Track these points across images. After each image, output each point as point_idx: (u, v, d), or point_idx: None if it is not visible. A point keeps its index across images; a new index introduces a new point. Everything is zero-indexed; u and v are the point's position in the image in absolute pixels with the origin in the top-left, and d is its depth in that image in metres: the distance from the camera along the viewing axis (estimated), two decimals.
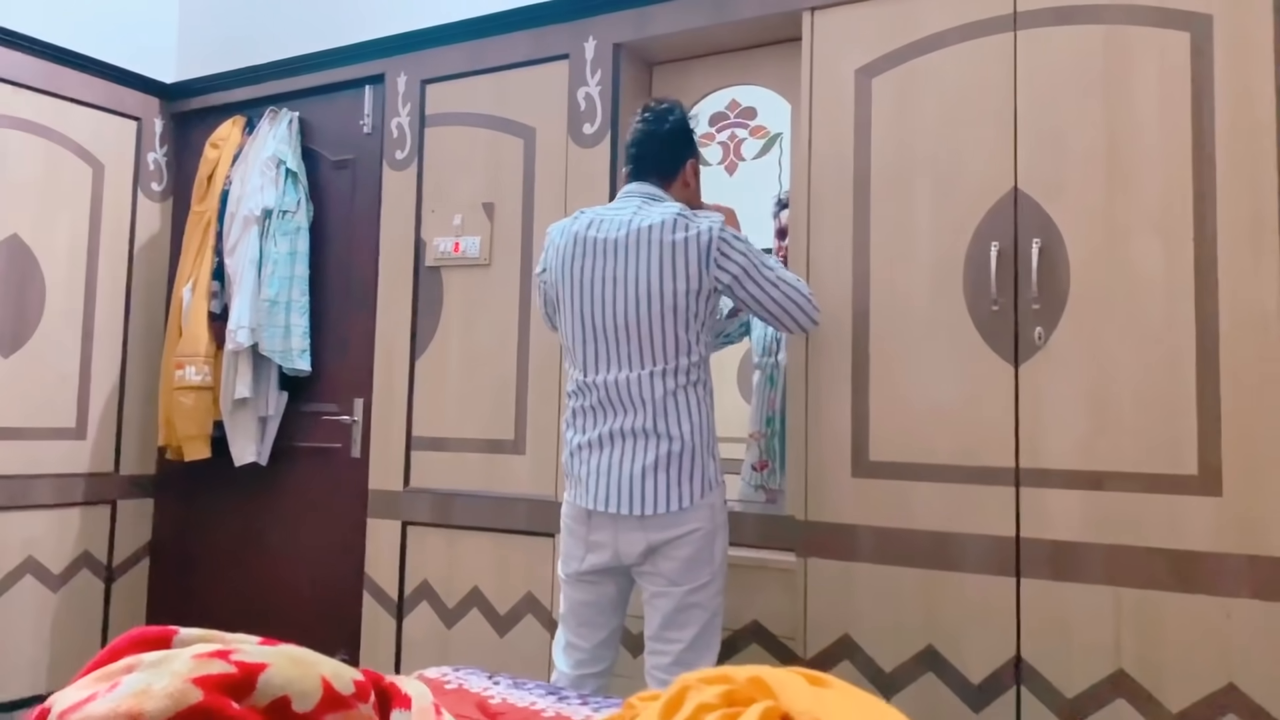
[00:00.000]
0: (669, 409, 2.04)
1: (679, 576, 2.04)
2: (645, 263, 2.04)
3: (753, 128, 2.78)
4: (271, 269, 3.18)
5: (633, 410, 2.05)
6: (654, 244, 2.04)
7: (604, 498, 2.05)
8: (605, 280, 2.07)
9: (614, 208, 2.16)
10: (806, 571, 2.37)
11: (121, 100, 3.52)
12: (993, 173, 2.24)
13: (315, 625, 3.19)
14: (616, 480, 2.04)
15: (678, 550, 2.04)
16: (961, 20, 2.30)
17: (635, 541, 2.05)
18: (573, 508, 2.14)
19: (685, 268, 2.03)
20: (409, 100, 3.11)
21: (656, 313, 2.04)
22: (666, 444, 2.03)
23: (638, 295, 2.04)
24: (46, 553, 3.27)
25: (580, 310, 2.10)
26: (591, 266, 2.09)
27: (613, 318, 2.06)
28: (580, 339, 2.11)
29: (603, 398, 2.08)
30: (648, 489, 2.02)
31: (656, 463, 2.03)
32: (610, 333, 2.07)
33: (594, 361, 2.10)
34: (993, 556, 2.17)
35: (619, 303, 2.06)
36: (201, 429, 3.24)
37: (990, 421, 2.20)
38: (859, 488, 2.33)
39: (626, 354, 2.06)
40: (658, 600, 2.07)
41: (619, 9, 2.75)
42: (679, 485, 2.03)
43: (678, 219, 2.05)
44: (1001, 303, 2.20)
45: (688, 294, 2.04)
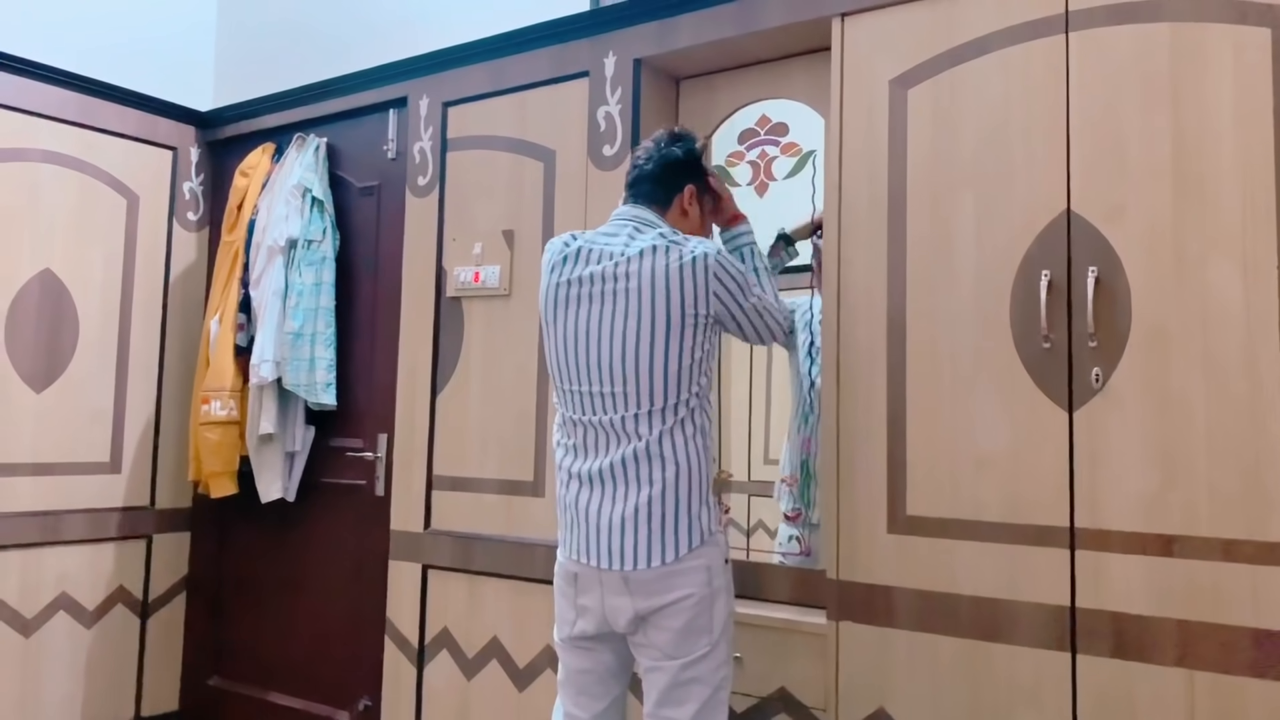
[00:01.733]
0: (654, 452, 1.86)
1: (673, 649, 1.84)
2: (636, 298, 1.87)
3: (784, 145, 2.56)
4: (296, 300, 3.10)
5: (617, 451, 1.88)
6: (644, 276, 1.87)
7: (583, 548, 1.89)
8: (592, 320, 1.91)
9: (605, 234, 1.99)
10: (839, 636, 2.14)
11: (156, 130, 3.50)
12: (1043, 193, 1.98)
13: (340, 670, 3.09)
14: (595, 529, 1.87)
15: (669, 620, 1.84)
16: (1006, 22, 2.05)
17: (622, 609, 1.87)
18: (561, 567, 1.98)
19: (681, 298, 1.86)
20: (431, 123, 2.99)
21: (645, 353, 1.86)
22: (648, 489, 1.84)
23: (625, 335, 1.87)
24: (80, 589, 3.25)
25: (566, 348, 1.95)
26: (578, 306, 1.93)
27: (598, 360, 1.90)
28: (565, 375, 1.96)
29: (586, 438, 1.93)
30: (627, 541, 1.84)
31: (637, 510, 1.84)
32: (596, 373, 1.90)
33: (579, 400, 1.94)
34: (1045, 628, 1.91)
35: (604, 344, 1.89)
36: (227, 465, 3.17)
37: (1042, 474, 1.94)
38: (896, 545, 2.09)
39: (613, 394, 1.89)
40: (652, 674, 1.88)
41: (639, 22, 2.57)
42: (662, 537, 1.84)
43: (669, 246, 1.88)
44: (1054, 339, 1.94)
45: (683, 327, 1.86)
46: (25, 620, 3.11)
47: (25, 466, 3.13)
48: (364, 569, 3.06)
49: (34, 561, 3.14)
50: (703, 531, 1.86)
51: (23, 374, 3.13)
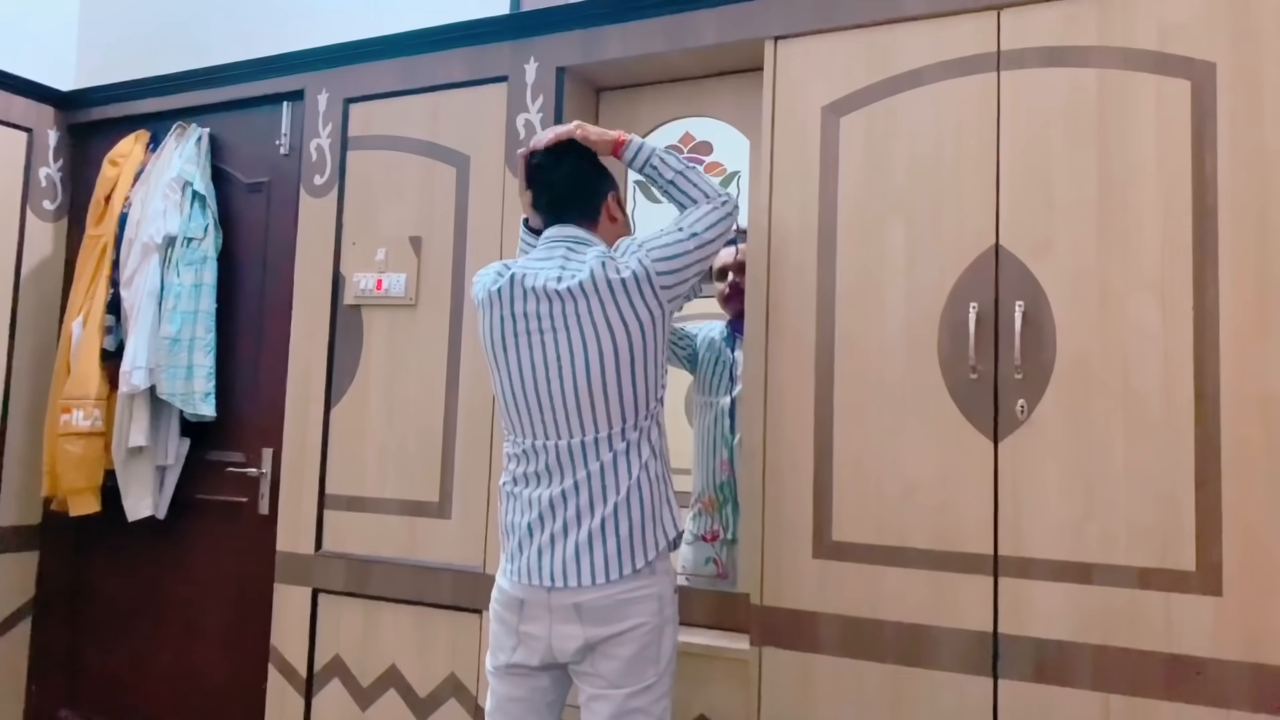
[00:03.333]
0: (608, 476, 1.81)
1: (620, 678, 1.79)
2: (589, 327, 1.81)
3: (708, 164, 2.55)
4: (174, 303, 2.87)
5: (571, 477, 1.82)
6: (592, 304, 1.81)
7: (534, 568, 1.82)
8: (545, 354, 1.84)
9: (539, 260, 1.91)
10: (762, 661, 2.13)
11: (10, 109, 3.18)
12: (973, 226, 2.03)
13: (215, 700, 2.88)
14: (548, 550, 1.81)
15: (619, 648, 1.78)
16: (940, 57, 2.09)
17: (572, 636, 1.80)
18: (503, 593, 1.89)
19: (636, 316, 1.82)
20: (330, 120, 2.82)
21: (600, 383, 1.81)
22: (602, 510, 1.80)
23: (580, 366, 1.81)
24: None
25: (515, 384, 1.88)
26: (527, 340, 1.86)
27: (548, 393, 1.84)
28: (517, 409, 1.89)
29: (539, 464, 1.86)
30: (583, 560, 1.79)
31: (591, 534, 1.79)
32: (549, 404, 1.85)
33: (532, 428, 1.87)
34: (968, 653, 1.95)
35: (558, 378, 1.83)
36: (91, 480, 2.90)
37: (966, 503, 1.98)
38: (820, 570, 2.09)
39: (568, 422, 1.83)
40: (595, 704, 1.81)
41: (566, 29, 2.50)
42: (619, 555, 1.79)
43: (606, 263, 1.83)
44: (981, 370, 1.98)
45: (644, 343, 1.82)
46: None
47: None
48: (244, 592, 2.86)
49: None
50: (659, 550, 1.82)
51: None
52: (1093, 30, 1.96)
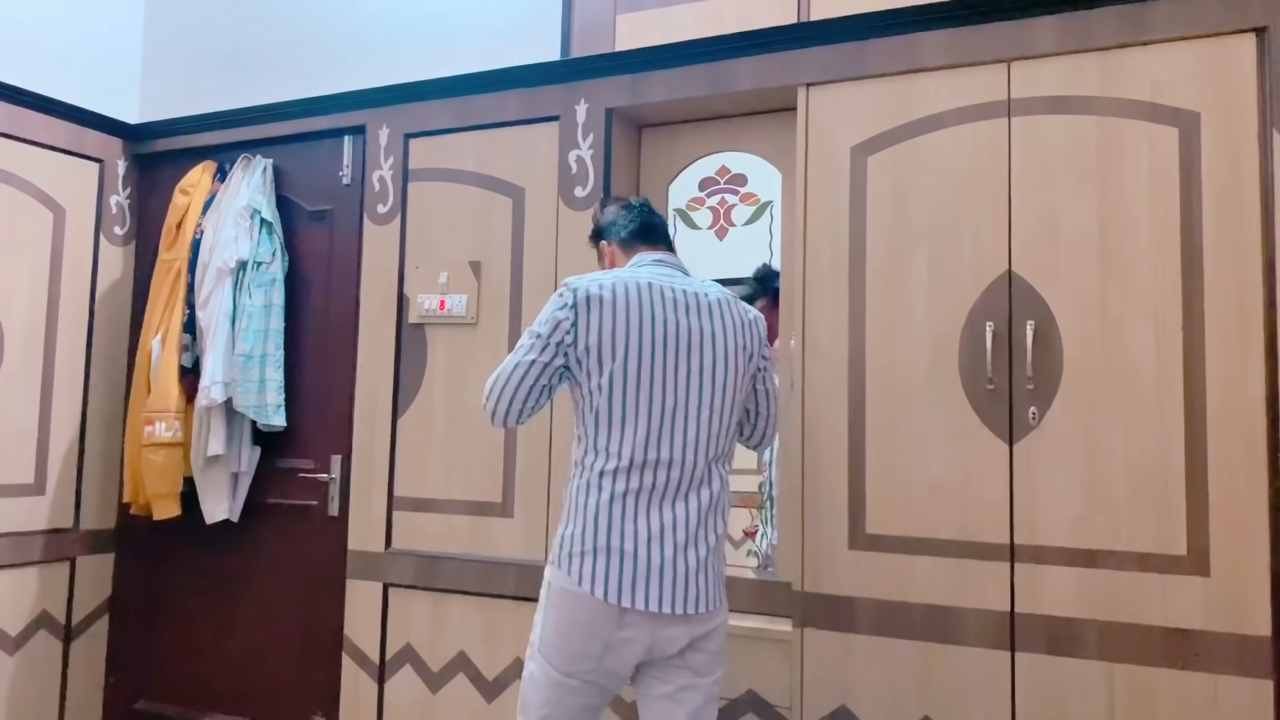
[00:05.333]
0: (723, 500, 2.01)
1: (707, 669, 2.00)
2: (723, 339, 2.01)
3: (743, 194, 2.81)
4: (246, 323, 3.11)
5: (696, 498, 1.96)
6: (727, 321, 2.03)
7: (657, 597, 1.89)
8: (694, 350, 1.98)
9: (666, 275, 2.06)
10: (803, 641, 2.40)
11: (84, 142, 3.41)
12: (987, 255, 2.30)
13: (289, 688, 3.12)
14: (672, 576, 1.91)
15: (711, 643, 2.00)
16: (957, 104, 2.36)
17: (677, 638, 1.94)
18: (595, 603, 1.90)
19: (750, 348, 2.06)
20: (391, 153, 3.07)
21: (730, 393, 2.01)
22: (715, 539, 1.99)
23: (715, 372, 1.99)
24: (3, 614, 3.14)
25: (657, 380, 1.95)
26: (685, 337, 1.97)
27: (696, 393, 1.96)
28: (647, 413, 1.94)
29: (666, 481, 1.94)
30: (700, 584, 1.94)
31: (708, 556, 1.97)
32: (689, 410, 1.95)
33: (659, 440, 1.94)
34: (989, 630, 2.22)
35: (705, 377, 1.97)
36: (172, 487, 3.14)
37: (986, 498, 2.25)
38: (856, 559, 2.36)
39: (695, 436, 1.96)
40: (685, 694, 1.97)
41: (613, 74, 2.76)
42: (720, 580, 2.02)
43: (731, 299, 2.09)
44: (996, 382, 2.26)
45: (746, 374, 2.06)
46: None
47: None
48: (315, 588, 3.10)
49: None
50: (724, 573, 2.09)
51: None
52: (1093, 82, 2.23)
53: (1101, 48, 2.21)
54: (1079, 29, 2.23)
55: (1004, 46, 2.31)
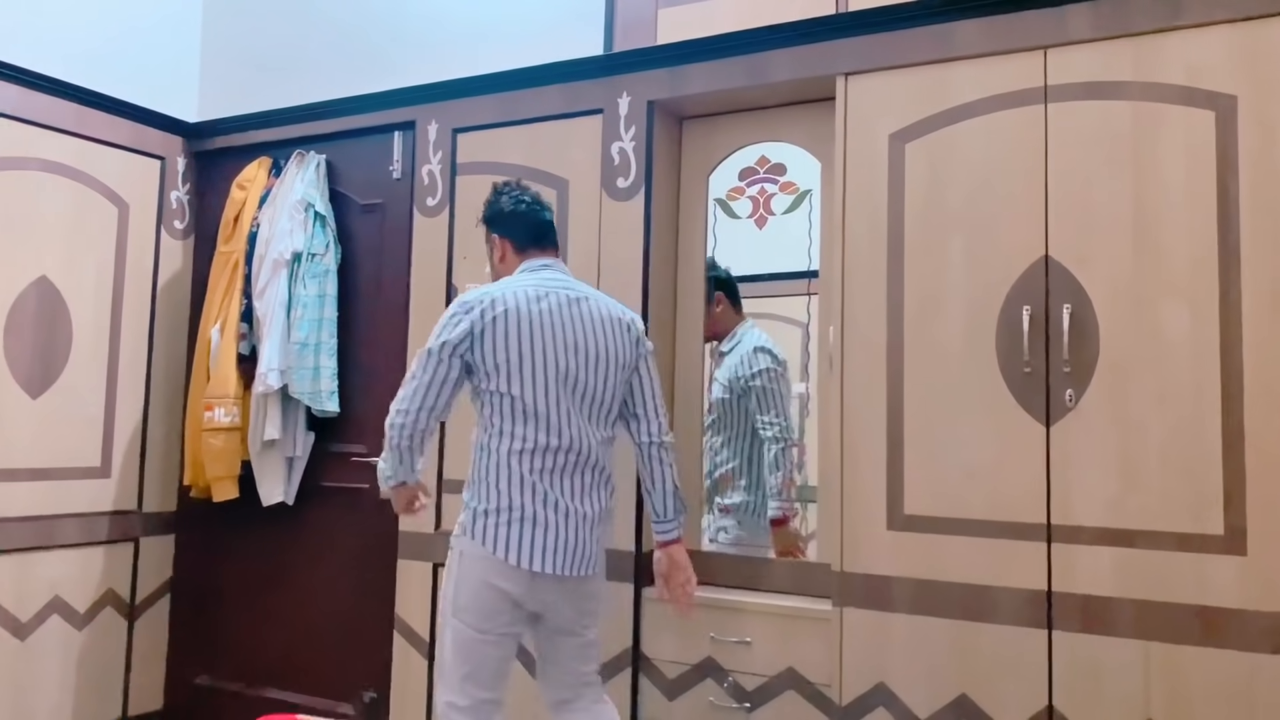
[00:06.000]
0: (608, 477, 2.32)
1: (592, 620, 2.34)
2: (605, 339, 2.30)
3: (782, 183, 2.86)
4: (301, 312, 3.23)
5: (590, 476, 2.27)
6: (608, 324, 2.31)
7: (555, 561, 2.19)
8: (581, 350, 2.27)
9: (554, 281, 2.33)
10: (842, 620, 2.45)
11: (145, 140, 3.55)
12: (1024, 240, 2.33)
13: (341, 665, 3.23)
14: (570, 543, 2.21)
15: (594, 602, 2.34)
16: (993, 91, 2.40)
17: (572, 594, 2.26)
18: (508, 567, 2.17)
19: (627, 346, 2.33)
20: (440, 148, 3.17)
21: (611, 386, 2.31)
22: (601, 508, 2.29)
23: (599, 368, 2.28)
24: (72, 592, 3.29)
25: (554, 372, 2.23)
26: (572, 340, 2.26)
27: (584, 386, 2.26)
28: (545, 405, 2.22)
29: (565, 463, 2.23)
30: (590, 549, 2.26)
31: (595, 524, 2.27)
32: (579, 401, 2.25)
33: (557, 427, 2.23)
34: (1025, 609, 2.26)
35: (590, 373, 2.27)
36: (230, 470, 3.27)
37: (1022, 479, 2.29)
38: (894, 540, 2.41)
39: (586, 423, 2.27)
40: (572, 639, 2.32)
41: (654, 67, 2.82)
42: (601, 547, 2.32)
43: (610, 302, 2.38)
44: (1033, 365, 2.29)
45: (625, 369, 2.34)
46: (20, 623, 3.14)
47: (22, 472, 3.15)
48: (366, 568, 3.21)
49: (29, 566, 3.17)
50: None
51: (20, 380, 3.16)
52: (1128, 67, 2.26)
53: (1137, 33, 2.24)
54: (1114, 15, 2.26)
55: (1039, 34, 2.34)
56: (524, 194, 2.45)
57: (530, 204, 2.43)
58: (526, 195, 2.45)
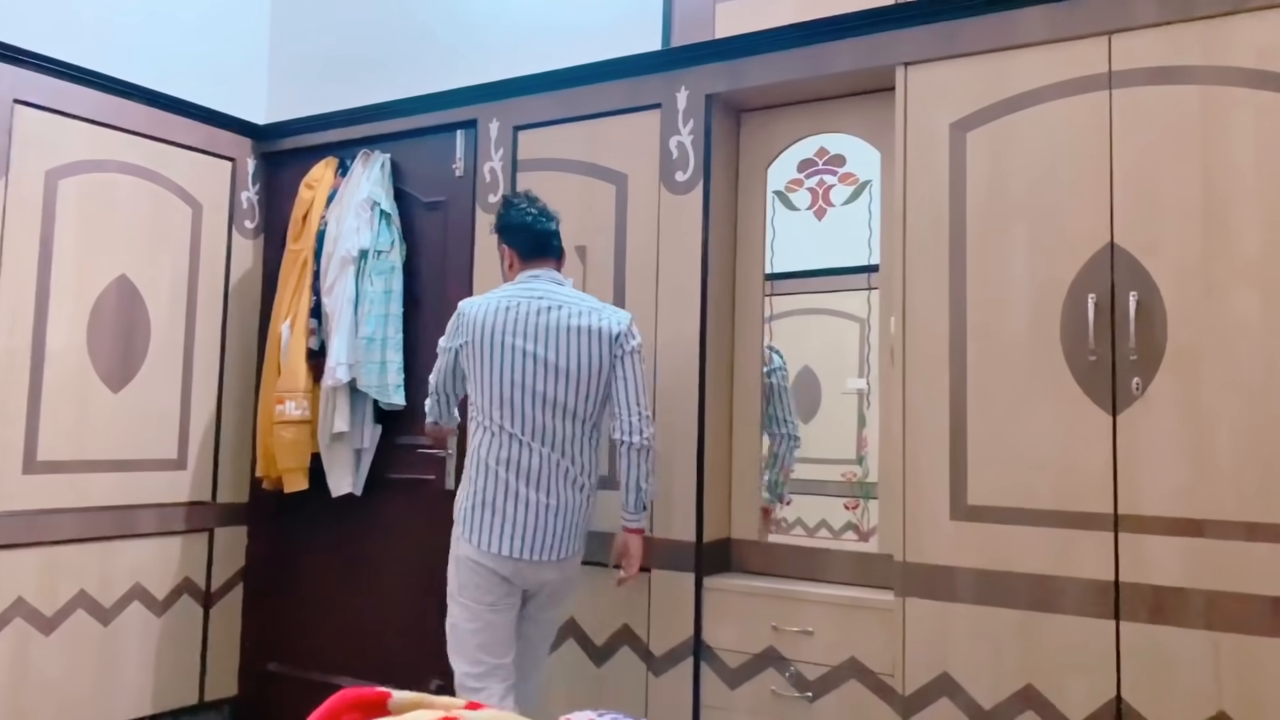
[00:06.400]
0: (582, 470, 2.51)
1: (566, 602, 2.67)
2: (575, 342, 2.47)
3: (841, 174, 2.86)
4: (368, 308, 3.30)
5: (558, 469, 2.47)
6: (583, 329, 2.48)
7: (530, 546, 2.43)
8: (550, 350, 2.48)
9: (537, 291, 2.52)
10: (905, 610, 2.45)
11: (217, 142, 3.66)
12: (1089, 227, 2.31)
13: (409, 653, 3.30)
14: (542, 531, 2.44)
15: (574, 584, 2.61)
16: (1055, 79, 2.38)
17: (548, 574, 2.49)
18: (487, 553, 2.42)
19: (600, 349, 2.48)
20: (501, 145, 3.22)
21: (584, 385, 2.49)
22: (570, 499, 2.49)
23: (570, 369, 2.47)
24: (151, 580, 3.41)
25: (512, 377, 2.46)
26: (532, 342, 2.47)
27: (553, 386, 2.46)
28: (512, 401, 2.45)
29: (532, 455, 2.45)
30: (560, 536, 2.47)
31: (564, 514, 2.48)
32: (549, 399, 2.45)
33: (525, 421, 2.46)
34: (1091, 599, 2.24)
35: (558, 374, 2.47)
36: (300, 462, 3.36)
37: (1088, 468, 2.27)
38: (958, 530, 2.41)
39: (554, 421, 2.47)
40: (545, 615, 2.60)
41: (713, 61, 2.85)
42: (576, 533, 2.51)
43: (587, 309, 2.52)
44: (1099, 353, 2.27)
45: (600, 369, 2.49)
46: (104, 609, 3.27)
47: (104, 463, 3.28)
48: (432, 558, 3.26)
49: (111, 553, 3.29)
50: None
51: (102, 374, 3.28)
52: (1196, 51, 2.23)
53: (1204, 16, 2.21)
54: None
55: (1103, 19, 2.31)
56: (531, 206, 2.61)
57: (536, 216, 2.59)
58: (534, 208, 2.60)
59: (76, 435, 3.21)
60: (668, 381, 2.86)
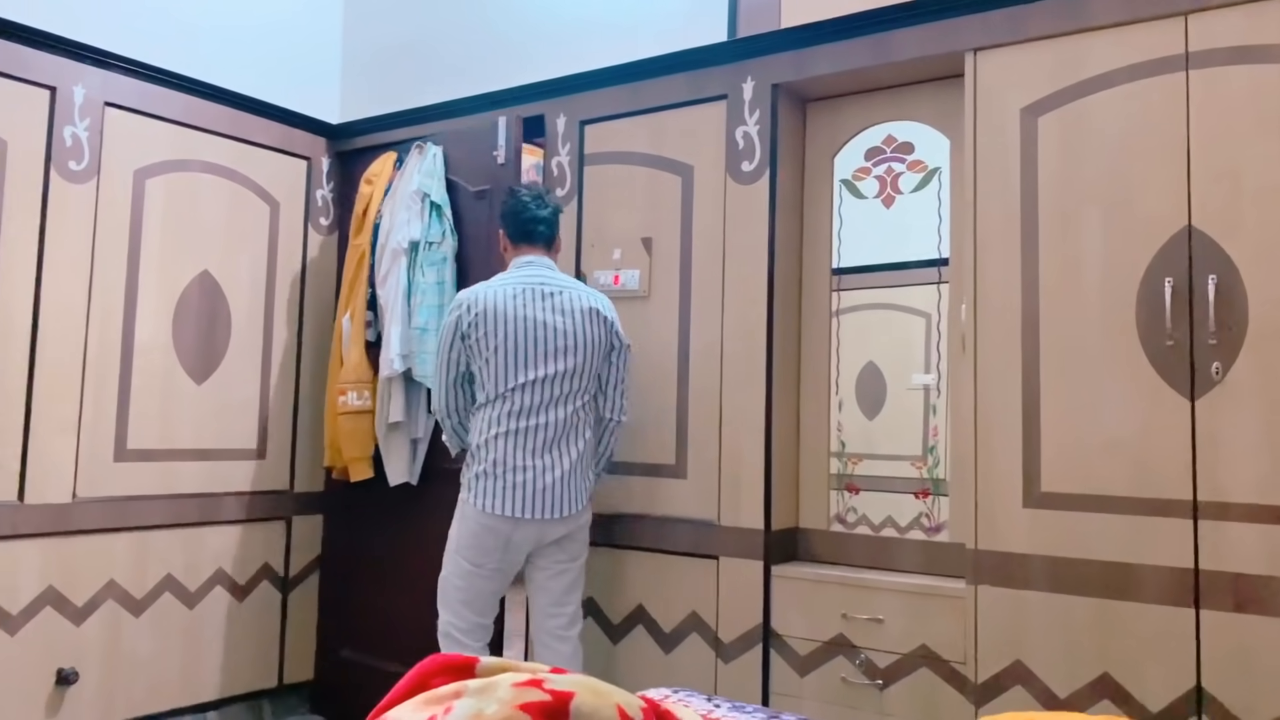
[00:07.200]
0: (582, 438, 2.75)
1: (577, 554, 2.79)
2: (572, 325, 2.71)
3: (910, 162, 2.84)
4: (420, 299, 3.30)
5: (561, 439, 2.71)
6: (578, 313, 2.72)
7: (535, 506, 2.66)
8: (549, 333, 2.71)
9: (533, 277, 2.75)
10: (977, 598, 2.44)
11: (293, 141, 3.77)
12: (1165, 210, 2.28)
13: None
14: (548, 492, 2.67)
15: (576, 540, 2.78)
16: (1130, 60, 2.35)
17: (554, 532, 2.71)
18: (494, 517, 2.65)
19: (596, 331, 2.74)
20: (568, 140, 3.27)
21: (581, 363, 2.73)
22: (571, 463, 2.72)
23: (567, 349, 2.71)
24: (233, 565, 3.52)
25: (524, 357, 2.68)
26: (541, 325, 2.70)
27: (554, 364, 2.69)
28: (521, 379, 2.67)
29: (539, 425, 2.68)
30: (565, 494, 2.70)
31: (568, 474, 2.71)
32: (550, 377, 2.69)
33: (532, 398, 2.68)
34: (1170, 587, 2.21)
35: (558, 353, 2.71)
36: (364, 450, 3.42)
37: (1166, 455, 2.24)
38: (1031, 517, 2.39)
39: (557, 395, 2.71)
40: (561, 570, 2.77)
41: (779, 51, 2.86)
42: (580, 492, 2.73)
43: (582, 294, 2.78)
44: (1176, 337, 2.24)
45: (597, 351, 2.76)
46: (189, 593, 3.39)
47: (189, 452, 3.40)
48: None
49: (196, 539, 3.41)
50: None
51: (186, 367, 3.40)
52: (1276, 29, 2.18)
53: None
54: None
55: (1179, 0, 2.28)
56: (525, 194, 2.86)
57: (526, 204, 2.82)
58: (527, 196, 2.85)
59: (163, 425, 3.33)
60: (733, 371, 2.88)
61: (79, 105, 3.12)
